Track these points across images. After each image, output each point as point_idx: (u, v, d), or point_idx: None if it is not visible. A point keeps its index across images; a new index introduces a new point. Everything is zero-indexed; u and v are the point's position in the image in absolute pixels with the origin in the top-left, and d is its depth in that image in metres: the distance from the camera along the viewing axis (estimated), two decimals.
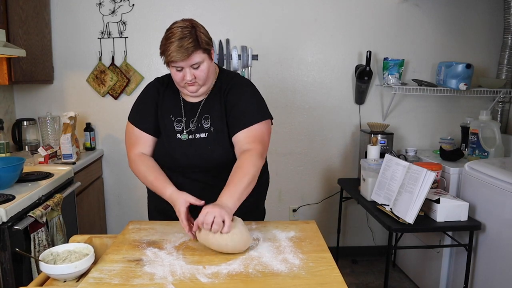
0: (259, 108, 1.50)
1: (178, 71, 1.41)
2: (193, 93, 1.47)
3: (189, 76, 1.40)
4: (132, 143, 1.54)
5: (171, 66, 1.41)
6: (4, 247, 1.64)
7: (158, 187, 1.44)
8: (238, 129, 1.45)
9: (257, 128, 1.46)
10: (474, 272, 2.28)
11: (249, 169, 1.36)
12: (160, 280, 1.09)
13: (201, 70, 1.41)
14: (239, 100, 1.48)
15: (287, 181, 3.12)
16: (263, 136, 1.47)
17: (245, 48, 2.83)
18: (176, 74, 1.42)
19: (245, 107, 1.47)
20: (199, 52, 1.38)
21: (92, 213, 2.77)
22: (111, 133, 2.99)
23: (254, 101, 1.51)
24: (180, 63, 1.38)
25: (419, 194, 2.03)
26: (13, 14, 2.29)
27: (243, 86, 1.53)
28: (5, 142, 2.39)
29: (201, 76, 1.41)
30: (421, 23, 3.01)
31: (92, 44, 2.87)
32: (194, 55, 1.37)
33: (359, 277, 2.93)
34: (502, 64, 2.89)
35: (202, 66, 1.40)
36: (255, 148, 1.42)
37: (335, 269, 1.17)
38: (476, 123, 2.62)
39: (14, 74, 2.33)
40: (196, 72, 1.40)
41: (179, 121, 1.51)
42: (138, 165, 1.49)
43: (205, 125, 1.49)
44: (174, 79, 1.45)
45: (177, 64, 1.39)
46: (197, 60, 1.38)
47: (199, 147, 1.47)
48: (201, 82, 1.43)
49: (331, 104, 3.06)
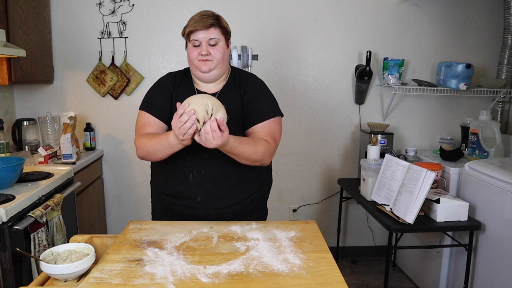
0: (273, 105, 1.58)
1: (196, 47, 1.46)
2: (206, 73, 1.48)
3: (204, 50, 1.44)
4: (142, 127, 1.51)
5: (190, 42, 1.46)
6: (4, 247, 1.63)
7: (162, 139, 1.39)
8: (255, 122, 1.51)
9: (272, 123, 1.53)
10: (474, 272, 2.28)
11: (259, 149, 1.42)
12: (160, 280, 1.09)
13: (217, 48, 1.46)
14: (257, 95, 1.55)
15: (287, 181, 3.12)
16: (276, 132, 1.53)
17: (245, 48, 2.83)
18: (193, 50, 1.46)
19: (262, 102, 1.54)
20: (218, 29, 1.45)
21: (92, 213, 2.77)
22: (111, 133, 2.99)
23: (269, 97, 1.59)
24: (199, 33, 1.43)
25: (419, 194, 2.03)
26: (13, 14, 2.29)
27: (259, 83, 1.61)
28: (5, 142, 2.39)
29: (216, 55, 1.46)
30: (421, 23, 3.01)
31: (92, 44, 2.87)
32: (213, 29, 1.44)
33: (359, 277, 2.93)
34: (502, 64, 2.89)
35: (218, 44, 1.46)
36: (270, 143, 1.48)
37: (335, 269, 1.17)
38: (476, 123, 2.62)
39: (14, 74, 2.32)
40: (212, 50, 1.45)
41: None
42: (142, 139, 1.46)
43: None
44: (190, 58, 1.48)
45: (196, 36, 1.44)
46: (215, 35, 1.45)
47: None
48: (215, 62, 1.47)
49: (331, 104, 3.06)
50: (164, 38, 2.90)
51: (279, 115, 1.57)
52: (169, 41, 2.90)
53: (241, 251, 1.27)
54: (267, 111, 1.53)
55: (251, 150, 1.41)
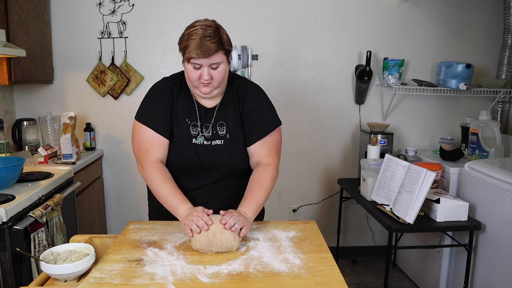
0: (273, 116, 1.55)
1: (196, 69, 1.38)
2: (206, 94, 1.44)
3: (206, 76, 1.38)
4: (147, 148, 1.45)
5: (189, 63, 1.38)
6: (4, 247, 1.63)
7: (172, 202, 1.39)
8: (255, 139, 1.49)
9: (273, 137, 1.52)
10: (474, 272, 2.28)
11: (268, 184, 1.45)
12: (160, 280, 1.09)
13: (219, 71, 1.40)
14: (255, 109, 1.51)
15: (287, 181, 3.12)
16: (278, 146, 1.55)
17: (245, 48, 2.82)
18: (192, 72, 1.39)
19: (261, 116, 1.51)
20: (220, 52, 1.37)
21: (92, 213, 2.77)
22: (111, 133, 2.99)
23: (268, 108, 1.55)
24: (201, 60, 1.35)
25: (419, 194, 2.03)
26: (13, 14, 2.29)
27: (257, 93, 1.56)
28: (5, 142, 2.39)
29: (217, 78, 1.40)
30: (421, 23, 3.01)
31: (92, 44, 2.87)
32: (216, 55, 1.36)
33: (359, 277, 2.93)
34: (502, 64, 2.89)
35: (220, 67, 1.40)
36: (273, 163, 1.51)
37: (335, 269, 1.17)
38: (476, 123, 2.62)
39: (14, 74, 2.32)
40: (213, 73, 1.39)
41: (194, 125, 1.48)
42: (154, 176, 1.42)
43: (220, 132, 1.49)
44: (189, 78, 1.42)
45: (197, 61, 1.36)
46: (217, 60, 1.37)
47: (215, 154, 1.47)
48: (216, 84, 1.42)
49: (331, 104, 3.06)
50: (164, 38, 2.90)
51: (278, 125, 1.55)
52: (169, 41, 2.90)
53: (241, 251, 1.27)
54: (267, 126, 1.51)
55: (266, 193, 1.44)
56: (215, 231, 1.24)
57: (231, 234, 1.25)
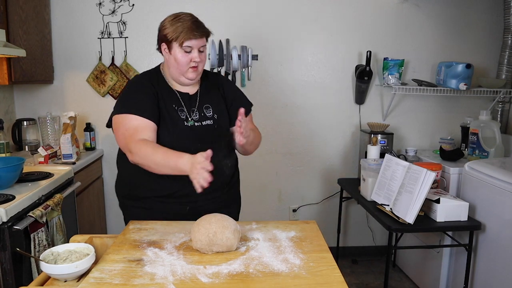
0: (247, 100, 1.75)
1: (187, 53, 1.49)
2: (192, 80, 1.55)
3: (197, 58, 1.49)
4: (132, 132, 1.46)
5: (182, 47, 1.48)
6: (4, 247, 1.63)
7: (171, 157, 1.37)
8: None
9: (251, 116, 1.73)
10: (474, 272, 2.28)
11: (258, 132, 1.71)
12: (160, 280, 1.09)
13: (204, 54, 1.55)
14: (235, 94, 1.71)
15: (287, 181, 3.12)
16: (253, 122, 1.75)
17: (245, 48, 2.83)
18: (184, 56, 1.49)
19: (242, 101, 1.71)
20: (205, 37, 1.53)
21: (92, 213, 2.77)
22: (111, 133, 2.95)
23: (242, 94, 1.76)
24: (194, 41, 1.47)
25: (419, 194, 2.03)
26: (13, 14, 2.29)
27: (230, 82, 1.78)
28: (5, 142, 2.39)
29: (204, 60, 1.55)
30: (421, 23, 3.01)
31: (92, 44, 2.87)
32: (204, 38, 1.52)
33: (359, 277, 2.93)
34: (502, 64, 2.89)
35: (205, 51, 1.54)
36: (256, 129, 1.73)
37: (335, 269, 1.17)
38: (476, 123, 2.62)
39: (14, 74, 2.32)
40: (201, 56, 1.52)
41: (181, 110, 1.57)
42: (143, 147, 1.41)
43: (207, 113, 1.60)
44: (179, 63, 1.51)
45: (190, 43, 1.47)
46: (205, 43, 1.53)
47: (207, 133, 1.57)
48: (201, 68, 1.55)
49: (331, 104, 3.06)
50: None
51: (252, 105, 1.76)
52: None
53: (241, 251, 1.27)
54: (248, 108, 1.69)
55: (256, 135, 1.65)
56: (215, 230, 1.24)
57: (231, 233, 1.25)
